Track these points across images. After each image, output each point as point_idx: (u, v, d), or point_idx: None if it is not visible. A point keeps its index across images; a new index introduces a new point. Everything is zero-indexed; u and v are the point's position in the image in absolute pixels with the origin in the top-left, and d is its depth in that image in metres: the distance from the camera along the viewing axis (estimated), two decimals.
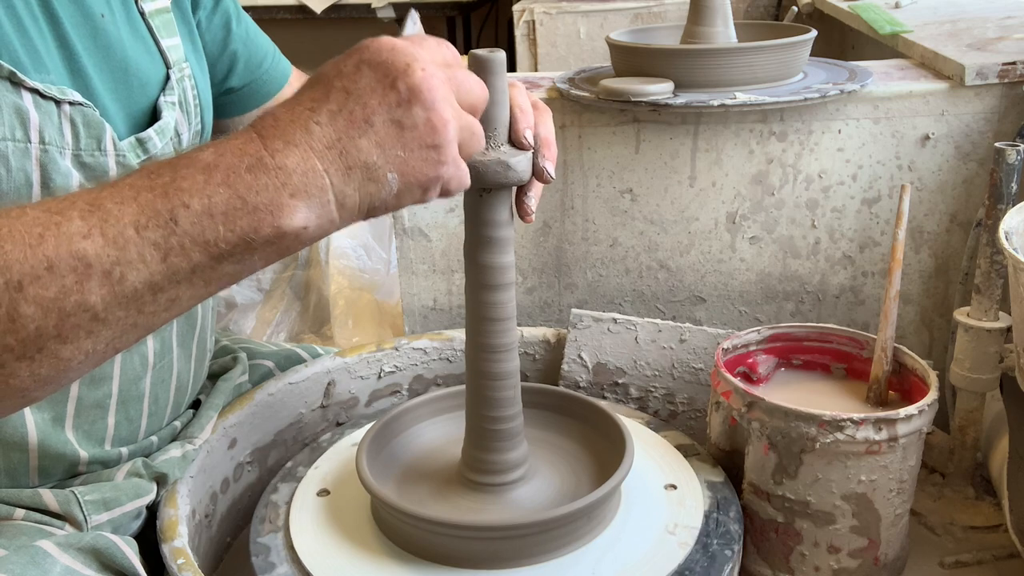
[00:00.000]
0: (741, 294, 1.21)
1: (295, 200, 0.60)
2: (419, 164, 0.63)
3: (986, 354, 0.94)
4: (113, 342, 0.61)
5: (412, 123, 0.62)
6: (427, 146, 0.63)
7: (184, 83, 0.87)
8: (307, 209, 0.61)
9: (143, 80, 0.83)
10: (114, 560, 0.75)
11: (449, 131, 0.63)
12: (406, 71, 0.61)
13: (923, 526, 0.98)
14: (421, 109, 0.62)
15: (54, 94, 0.72)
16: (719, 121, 1.14)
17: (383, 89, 0.62)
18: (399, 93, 0.61)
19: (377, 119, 0.61)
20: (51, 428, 0.78)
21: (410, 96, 0.61)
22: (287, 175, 0.60)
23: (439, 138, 0.62)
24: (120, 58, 0.80)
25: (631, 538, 0.80)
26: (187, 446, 0.89)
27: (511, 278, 0.79)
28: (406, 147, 0.62)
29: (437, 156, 0.63)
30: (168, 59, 0.86)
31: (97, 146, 0.76)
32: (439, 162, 0.63)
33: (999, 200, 0.93)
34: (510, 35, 2.21)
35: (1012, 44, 1.18)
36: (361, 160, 0.61)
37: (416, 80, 0.61)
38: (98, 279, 0.57)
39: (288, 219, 0.60)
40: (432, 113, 0.62)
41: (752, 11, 2.15)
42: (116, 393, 0.82)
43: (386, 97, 0.62)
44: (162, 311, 0.61)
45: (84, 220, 0.58)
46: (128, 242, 0.58)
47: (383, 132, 0.62)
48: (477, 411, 0.82)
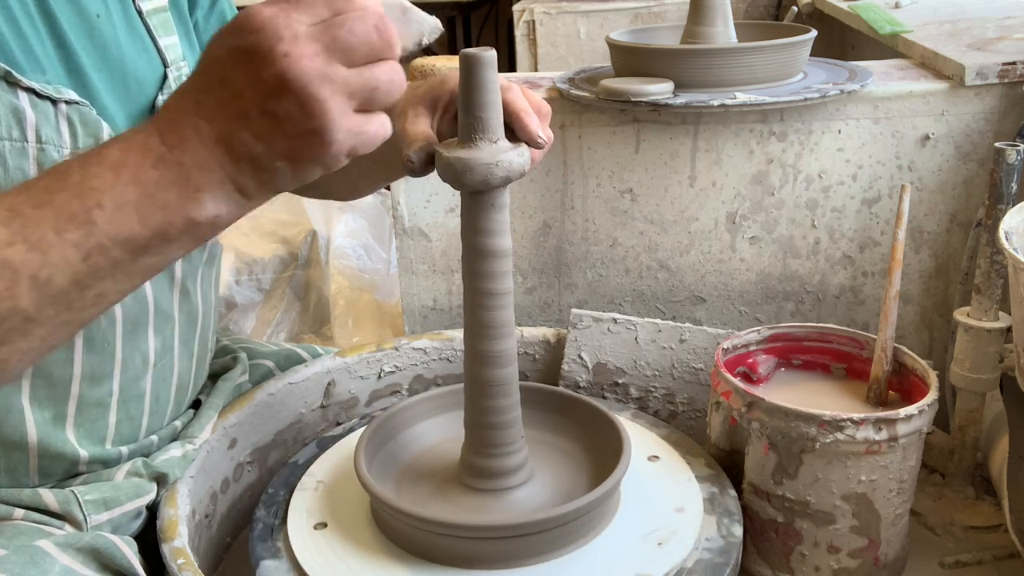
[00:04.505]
0: (741, 294, 1.21)
1: (200, 193, 0.62)
2: (305, 149, 0.62)
3: (986, 354, 0.94)
4: (47, 339, 0.64)
5: (286, 113, 0.60)
6: (307, 131, 0.61)
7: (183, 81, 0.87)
8: (213, 200, 0.63)
9: (141, 79, 0.83)
10: (113, 560, 0.75)
11: (330, 110, 0.60)
12: (269, 58, 0.59)
13: (923, 526, 0.98)
14: (292, 97, 0.59)
15: (50, 93, 0.72)
16: (719, 121, 1.14)
17: (252, 80, 0.60)
18: (267, 84, 0.59)
19: (253, 111, 0.61)
20: (51, 427, 0.78)
21: (278, 86, 0.59)
22: (187, 170, 0.62)
23: (317, 122, 0.60)
24: (117, 57, 0.80)
25: (630, 538, 0.80)
26: (187, 446, 0.89)
27: (509, 285, 0.79)
28: (287, 135, 0.61)
29: (322, 138, 0.61)
30: (166, 58, 0.86)
31: (95, 144, 0.76)
32: (326, 143, 0.61)
33: (999, 200, 0.93)
34: (510, 35, 2.21)
35: (1012, 44, 1.18)
36: (247, 153, 0.62)
37: (279, 69, 0.59)
38: (26, 283, 0.60)
39: (197, 211, 0.62)
40: (305, 99, 0.59)
41: (752, 11, 2.15)
42: (117, 392, 0.82)
43: (256, 88, 0.60)
44: (90, 307, 0.64)
45: (6, 227, 0.60)
46: (50, 246, 0.60)
47: (261, 124, 0.61)
48: (476, 418, 0.82)
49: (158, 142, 0.62)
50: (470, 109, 0.73)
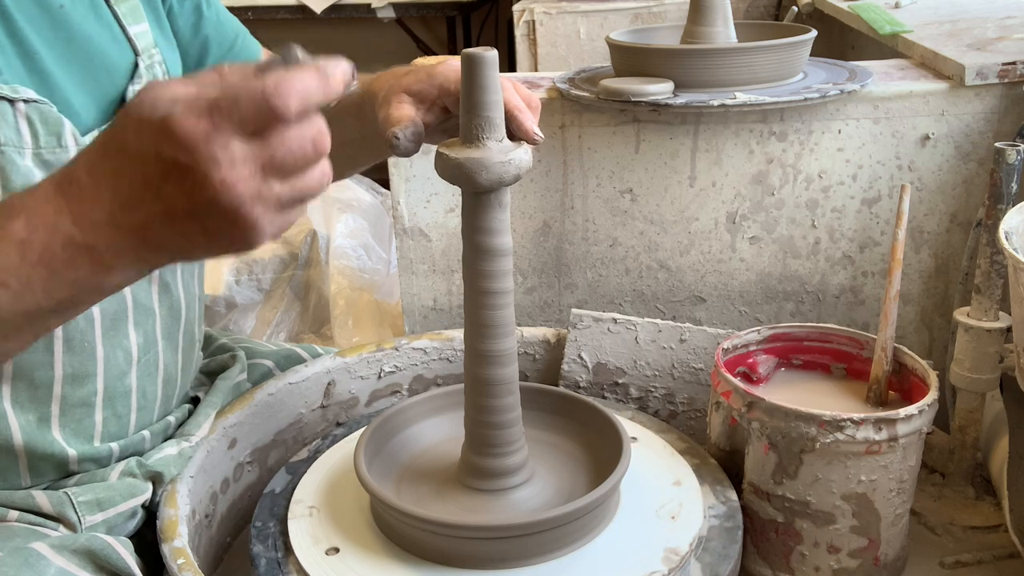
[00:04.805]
0: (741, 294, 1.21)
1: (111, 271, 0.62)
2: (228, 248, 0.61)
3: (986, 354, 0.94)
4: None
5: (216, 228, 0.59)
6: (233, 240, 0.60)
7: (155, 70, 0.86)
8: (124, 273, 0.63)
9: (110, 69, 0.81)
10: (109, 561, 0.75)
11: (259, 224, 0.59)
12: (204, 183, 0.56)
13: (923, 526, 0.98)
14: (223, 215, 0.58)
15: (6, 93, 0.71)
16: (719, 121, 1.14)
17: (182, 193, 0.58)
18: (197, 202, 0.58)
19: (178, 215, 0.59)
20: (36, 429, 0.78)
21: (209, 206, 0.58)
22: (100, 254, 0.61)
23: (245, 234, 0.59)
24: (84, 47, 0.79)
25: (630, 538, 0.80)
26: (183, 443, 0.88)
27: (510, 284, 0.79)
28: (211, 239, 0.60)
29: (247, 243, 0.60)
30: (136, 46, 0.84)
31: (57, 143, 0.75)
32: (250, 244, 0.61)
33: (999, 200, 0.93)
34: (510, 35, 2.21)
35: (1012, 44, 1.18)
36: (166, 245, 0.61)
37: (213, 194, 0.57)
38: None
39: (108, 282, 0.63)
40: (236, 218, 0.58)
41: (752, 11, 2.15)
42: (102, 390, 0.81)
43: (185, 201, 0.58)
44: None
45: None
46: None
47: (185, 227, 0.59)
48: (477, 418, 0.82)
49: (69, 223, 0.60)
50: (476, 109, 0.73)
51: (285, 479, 0.90)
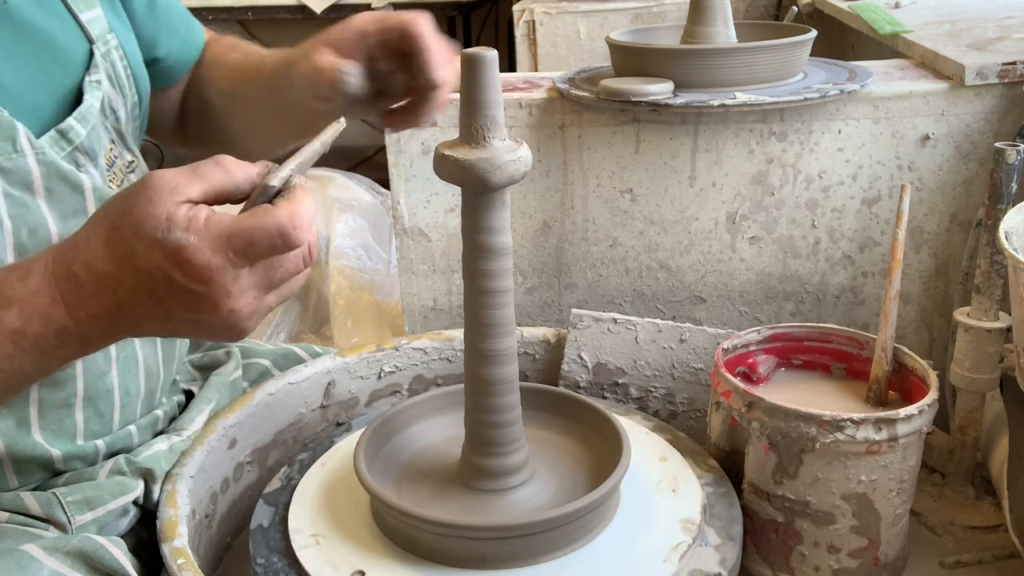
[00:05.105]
0: (741, 294, 1.21)
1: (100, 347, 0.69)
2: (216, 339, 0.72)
3: (986, 354, 0.94)
4: None
5: (208, 332, 0.66)
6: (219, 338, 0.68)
7: (112, 56, 0.84)
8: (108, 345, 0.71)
9: (63, 60, 0.79)
10: (102, 562, 0.74)
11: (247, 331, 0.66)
12: (215, 311, 0.63)
13: (923, 526, 0.98)
14: (219, 327, 0.65)
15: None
16: (719, 121, 1.14)
17: (189, 310, 0.64)
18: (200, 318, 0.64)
19: (177, 320, 0.65)
20: (16, 432, 0.77)
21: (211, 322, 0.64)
22: (92, 340, 0.67)
23: (233, 337, 0.67)
24: (34, 41, 0.77)
25: (630, 538, 0.80)
26: (174, 438, 0.87)
27: (510, 283, 0.79)
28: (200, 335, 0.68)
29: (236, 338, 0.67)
30: (90, 33, 0.82)
31: (12, 148, 0.73)
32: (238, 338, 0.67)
33: (999, 200, 0.93)
34: (510, 35, 2.20)
35: (1012, 44, 1.18)
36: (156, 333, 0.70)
37: (219, 317, 0.64)
38: None
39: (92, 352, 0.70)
40: (231, 328, 0.65)
41: (752, 11, 2.15)
42: (82, 391, 0.80)
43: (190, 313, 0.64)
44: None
45: None
46: None
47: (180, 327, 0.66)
48: (477, 417, 0.82)
49: (63, 315, 0.64)
50: (480, 109, 0.73)
51: (269, 511, 0.85)
